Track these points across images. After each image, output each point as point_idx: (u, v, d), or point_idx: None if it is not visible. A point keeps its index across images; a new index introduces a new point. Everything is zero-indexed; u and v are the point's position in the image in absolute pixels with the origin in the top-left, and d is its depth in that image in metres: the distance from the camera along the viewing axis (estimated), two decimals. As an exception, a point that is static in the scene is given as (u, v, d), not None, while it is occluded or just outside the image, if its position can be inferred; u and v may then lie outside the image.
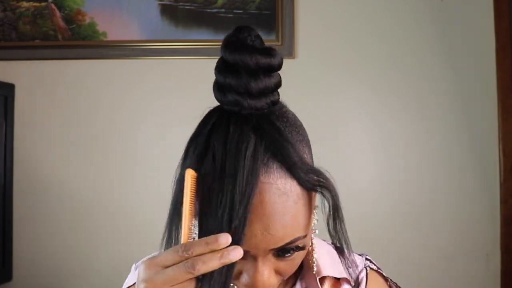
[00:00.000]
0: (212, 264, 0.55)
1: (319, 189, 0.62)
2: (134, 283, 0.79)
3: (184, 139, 0.71)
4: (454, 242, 1.85)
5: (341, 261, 0.71)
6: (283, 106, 0.67)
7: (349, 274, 0.75)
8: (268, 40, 1.86)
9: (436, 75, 1.88)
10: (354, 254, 0.81)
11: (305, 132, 0.68)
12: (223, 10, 1.89)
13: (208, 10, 1.89)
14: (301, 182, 0.61)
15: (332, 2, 1.91)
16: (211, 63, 0.63)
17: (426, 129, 1.88)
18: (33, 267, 1.86)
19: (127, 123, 1.89)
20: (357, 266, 0.79)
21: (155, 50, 1.89)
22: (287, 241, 0.61)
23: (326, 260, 0.77)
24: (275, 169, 0.60)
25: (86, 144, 1.88)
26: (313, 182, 0.62)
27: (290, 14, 1.86)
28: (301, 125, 0.68)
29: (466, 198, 1.86)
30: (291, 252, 0.63)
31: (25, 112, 1.89)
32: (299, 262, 0.67)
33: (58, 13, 1.90)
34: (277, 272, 0.64)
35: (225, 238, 0.55)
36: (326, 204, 0.63)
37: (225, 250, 0.55)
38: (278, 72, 0.65)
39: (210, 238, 0.56)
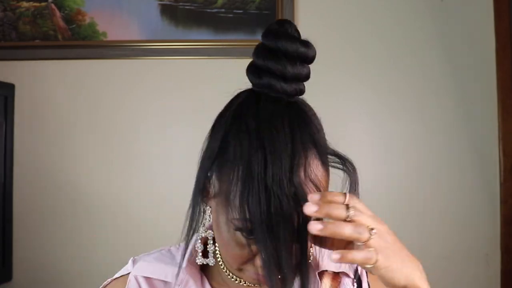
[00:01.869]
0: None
1: (343, 168, 0.68)
2: (123, 275, 0.79)
3: (184, 139, 0.72)
4: (454, 242, 1.85)
5: None
6: (305, 100, 0.72)
7: (349, 266, 0.76)
8: (268, 40, 1.86)
9: (436, 75, 1.88)
10: None
11: (320, 121, 0.73)
12: (223, 10, 1.89)
13: (208, 10, 1.89)
14: (326, 163, 0.67)
15: (332, 2, 1.91)
16: (211, 63, 0.64)
17: (426, 129, 1.88)
18: (33, 267, 1.86)
19: (127, 123, 1.89)
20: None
21: (155, 50, 1.89)
22: None
23: (324, 254, 0.78)
24: (309, 149, 0.64)
25: (86, 144, 1.88)
26: (337, 161, 0.68)
27: (290, 14, 1.86)
28: (317, 116, 0.73)
29: (466, 198, 1.86)
30: None
31: (25, 112, 1.89)
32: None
33: (58, 13, 1.90)
34: None
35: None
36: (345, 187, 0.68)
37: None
38: (309, 66, 0.70)
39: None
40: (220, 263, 0.74)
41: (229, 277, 0.73)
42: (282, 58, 0.66)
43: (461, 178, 1.87)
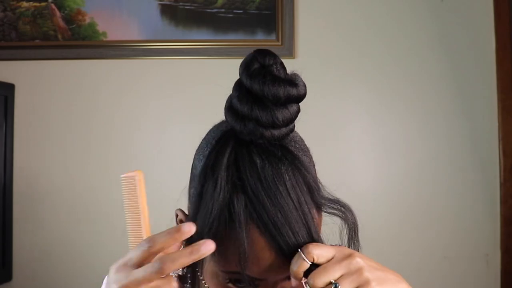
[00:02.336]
0: (182, 261, 0.53)
1: (340, 214, 0.64)
2: None
3: (184, 139, 0.71)
4: (454, 242, 1.85)
5: None
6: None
7: None
8: (268, 40, 1.86)
9: (436, 75, 1.88)
10: None
11: (307, 148, 0.69)
12: (223, 10, 1.89)
13: (208, 10, 1.89)
14: (321, 209, 0.63)
15: (332, 2, 1.91)
16: (211, 63, 0.63)
17: (426, 129, 1.88)
18: (33, 267, 1.86)
19: (127, 123, 1.89)
20: None
21: (155, 50, 1.89)
22: None
23: None
24: (306, 199, 0.61)
25: (86, 144, 1.88)
26: (333, 206, 0.64)
27: (290, 14, 1.86)
28: (306, 147, 0.69)
29: (466, 198, 1.86)
30: None
31: (25, 112, 1.89)
32: None
33: (58, 13, 1.90)
34: None
35: (188, 227, 0.54)
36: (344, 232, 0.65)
37: (195, 245, 0.53)
38: None
39: (172, 228, 0.54)
40: None
41: None
42: (270, 106, 0.60)
43: (461, 178, 1.87)
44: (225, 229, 0.60)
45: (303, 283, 0.57)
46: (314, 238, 0.59)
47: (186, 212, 0.72)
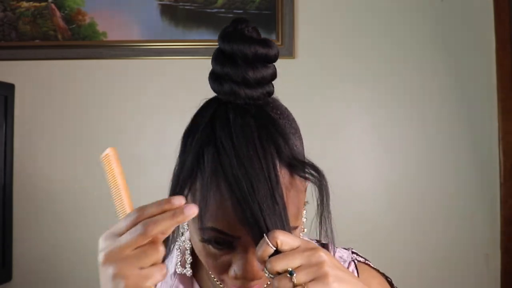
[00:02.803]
0: (164, 223, 0.53)
1: (311, 178, 0.63)
2: None
3: (185, 139, 0.71)
4: (454, 242, 1.85)
5: None
6: (276, 99, 0.68)
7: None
8: (268, 40, 1.86)
9: (436, 75, 1.88)
10: (341, 249, 0.82)
11: (297, 126, 0.69)
12: (223, 10, 1.89)
13: (208, 10, 1.89)
14: (293, 171, 0.62)
15: (332, 2, 1.91)
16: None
17: (426, 129, 1.88)
18: (33, 267, 1.86)
19: (126, 123, 1.89)
20: (344, 261, 0.79)
21: (155, 50, 1.89)
22: None
23: None
24: (274, 158, 0.61)
25: (86, 144, 1.88)
26: (305, 170, 0.63)
27: (290, 14, 1.86)
28: (293, 119, 0.69)
29: (466, 198, 1.86)
30: None
31: (25, 112, 1.89)
32: None
33: (58, 13, 1.90)
34: None
35: (179, 200, 0.54)
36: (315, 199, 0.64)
37: (178, 208, 0.53)
38: (274, 64, 0.66)
39: (163, 199, 0.55)
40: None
41: (218, 283, 0.70)
42: (240, 63, 0.63)
43: (461, 178, 1.87)
44: (195, 182, 0.62)
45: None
46: (275, 196, 0.58)
47: None
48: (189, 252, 0.72)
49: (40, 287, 1.86)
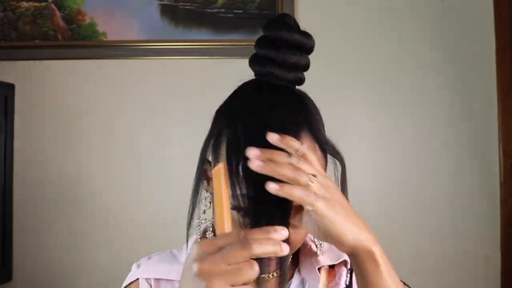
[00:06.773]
0: (267, 248, 0.54)
1: (337, 156, 0.74)
2: (133, 281, 0.80)
3: (185, 139, 0.72)
4: (454, 242, 1.85)
5: None
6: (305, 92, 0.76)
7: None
8: (268, 40, 1.86)
9: (436, 75, 1.88)
10: None
11: (320, 115, 0.78)
12: (223, 10, 1.89)
13: (208, 10, 1.89)
14: (322, 148, 0.72)
15: (332, 2, 1.91)
16: (211, 63, 0.65)
17: (426, 129, 1.88)
18: (33, 267, 1.86)
19: (127, 123, 1.89)
20: None
21: (155, 50, 1.89)
22: None
23: (324, 251, 0.81)
24: (305, 134, 0.68)
25: (87, 144, 1.88)
26: (330, 149, 0.73)
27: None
28: (318, 109, 0.78)
29: (466, 198, 1.86)
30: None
31: (25, 112, 1.89)
32: (304, 238, 0.74)
33: (58, 13, 1.90)
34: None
35: (286, 232, 0.56)
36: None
37: (278, 239, 0.55)
38: (309, 56, 0.73)
39: (270, 228, 0.55)
40: None
41: None
42: (282, 47, 0.70)
43: (461, 178, 1.87)
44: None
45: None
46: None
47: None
48: (211, 230, 0.77)
49: (40, 287, 1.86)
